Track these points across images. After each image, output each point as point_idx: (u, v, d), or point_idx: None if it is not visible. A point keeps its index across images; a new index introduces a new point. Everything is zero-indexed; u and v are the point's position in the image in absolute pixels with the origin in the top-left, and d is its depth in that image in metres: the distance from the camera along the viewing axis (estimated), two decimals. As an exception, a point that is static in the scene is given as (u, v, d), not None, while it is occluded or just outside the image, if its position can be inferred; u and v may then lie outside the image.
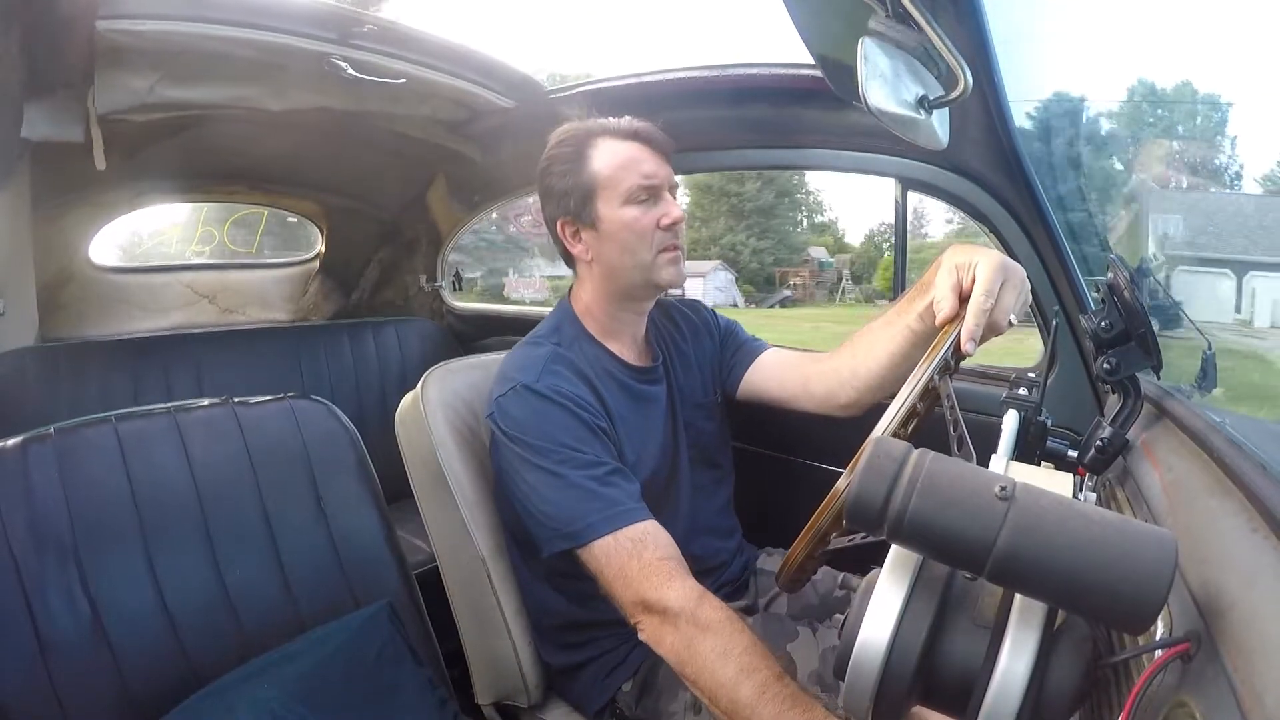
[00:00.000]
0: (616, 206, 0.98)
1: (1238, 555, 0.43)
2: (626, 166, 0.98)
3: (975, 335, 0.72)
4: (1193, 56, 1.65)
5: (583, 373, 0.97)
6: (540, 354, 0.98)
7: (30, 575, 0.78)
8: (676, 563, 0.84)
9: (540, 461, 0.88)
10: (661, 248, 0.99)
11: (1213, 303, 2.23)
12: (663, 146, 1.01)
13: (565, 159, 1.00)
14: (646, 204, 0.98)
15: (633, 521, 0.85)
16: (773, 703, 0.71)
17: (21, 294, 1.59)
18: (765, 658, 0.76)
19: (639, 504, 0.88)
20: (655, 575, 0.82)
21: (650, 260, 0.99)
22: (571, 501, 0.86)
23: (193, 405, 0.98)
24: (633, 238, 0.98)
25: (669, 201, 1.00)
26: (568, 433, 0.90)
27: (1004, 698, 0.39)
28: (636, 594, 0.82)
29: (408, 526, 1.65)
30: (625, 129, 1.01)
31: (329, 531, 0.98)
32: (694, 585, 0.82)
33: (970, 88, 0.73)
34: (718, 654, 0.76)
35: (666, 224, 0.98)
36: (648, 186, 0.98)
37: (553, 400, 0.91)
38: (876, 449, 0.41)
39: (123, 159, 1.61)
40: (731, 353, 1.15)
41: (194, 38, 1.18)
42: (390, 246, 2.38)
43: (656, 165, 1.00)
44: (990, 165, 1.11)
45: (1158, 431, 0.74)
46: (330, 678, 0.85)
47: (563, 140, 1.02)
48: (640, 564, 0.83)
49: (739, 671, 0.74)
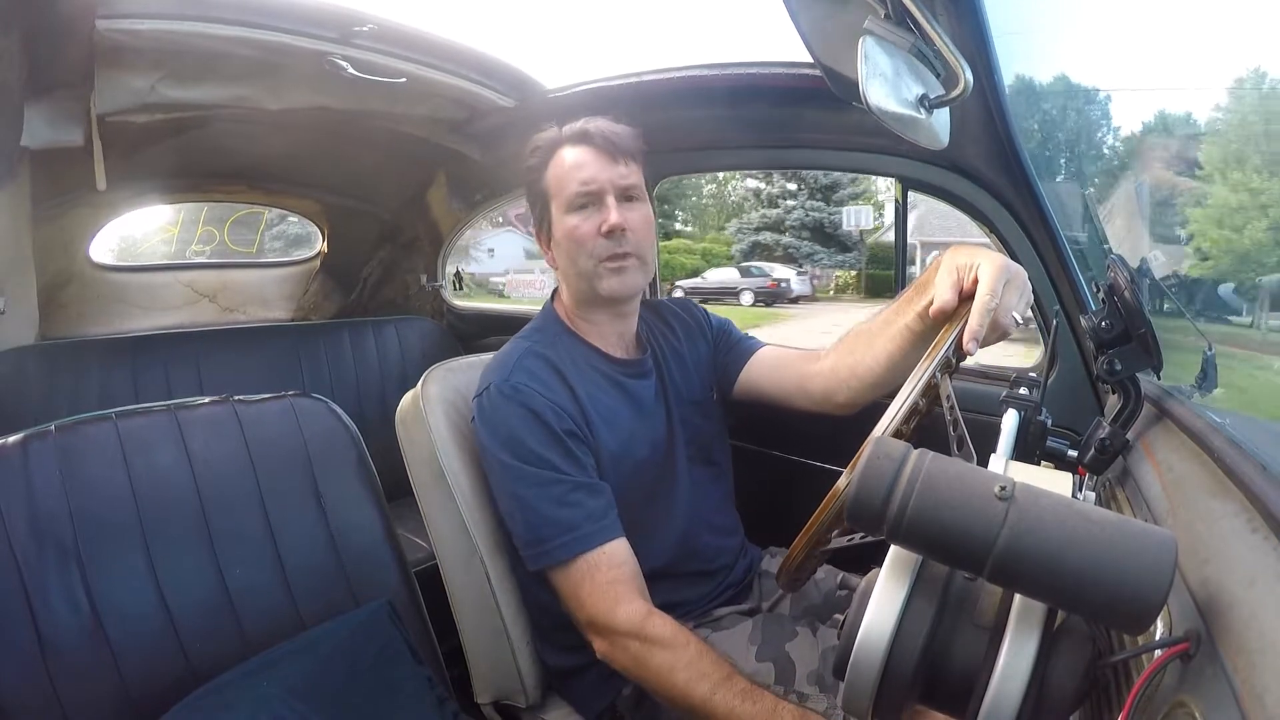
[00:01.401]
0: (562, 214, 0.98)
1: (1238, 555, 0.43)
2: (567, 174, 0.97)
3: (978, 335, 0.71)
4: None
5: (557, 367, 0.97)
6: (516, 351, 0.99)
7: (30, 573, 0.78)
8: (626, 584, 0.88)
9: (504, 476, 0.92)
10: (602, 256, 0.96)
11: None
12: (617, 147, 0.98)
13: (534, 169, 1.01)
14: (587, 210, 0.97)
15: (588, 547, 0.88)
16: (724, 702, 0.80)
17: (22, 293, 1.60)
18: (714, 663, 0.83)
19: (598, 523, 0.90)
20: (605, 598, 0.87)
21: (591, 269, 0.97)
22: (534, 524, 0.90)
23: (193, 403, 0.98)
24: (574, 246, 0.97)
25: (609, 207, 0.96)
26: (532, 437, 0.91)
27: (1004, 698, 0.39)
28: (588, 616, 0.88)
29: (407, 525, 1.65)
30: (575, 132, 0.99)
31: (329, 529, 0.98)
32: (640, 605, 0.87)
33: (970, 87, 0.73)
34: (666, 668, 0.83)
35: (604, 230, 0.95)
36: (586, 193, 0.96)
37: (518, 404, 0.92)
38: (876, 449, 0.41)
39: (123, 159, 1.61)
40: (725, 352, 1.15)
41: (194, 37, 1.18)
42: (390, 246, 2.38)
43: (599, 169, 0.96)
44: (990, 165, 1.11)
45: (1158, 431, 0.74)
46: (330, 676, 0.85)
47: (534, 150, 1.02)
48: (592, 586, 0.88)
49: (687, 681, 0.81)
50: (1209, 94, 1.59)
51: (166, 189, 2.04)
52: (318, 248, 2.43)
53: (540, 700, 1.05)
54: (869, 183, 20.37)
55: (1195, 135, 1.57)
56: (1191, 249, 1.55)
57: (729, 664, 0.84)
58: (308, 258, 2.46)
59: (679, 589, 1.04)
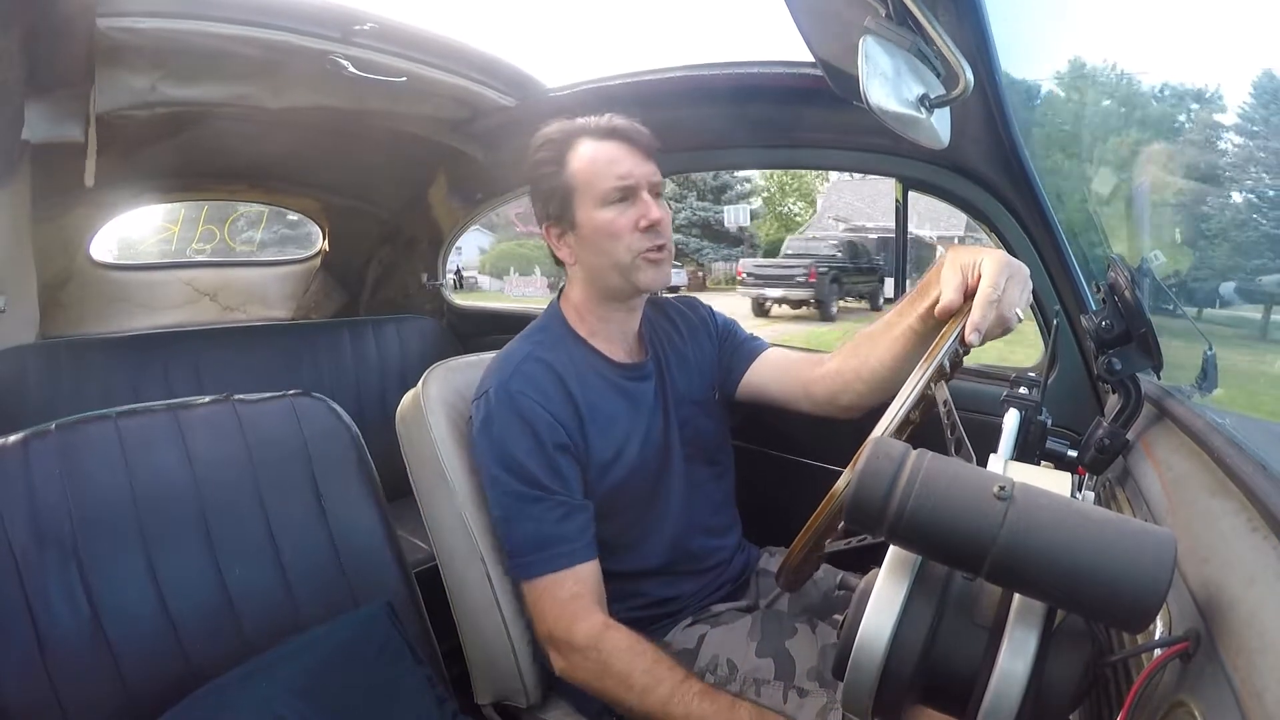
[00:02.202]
0: (593, 209, 0.97)
1: (1237, 554, 0.43)
2: (602, 167, 0.96)
3: (981, 327, 0.71)
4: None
5: (558, 372, 0.97)
6: (518, 354, 0.99)
7: (30, 572, 0.78)
8: (585, 600, 0.91)
9: (491, 483, 0.94)
10: (641, 250, 0.97)
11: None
12: (644, 144, 0.99)
13: (547, 162, 0.99)
14: (623, 205, 0.97)
15: (555, 569, 0.91)
16: (680, 704, 0.83)
17: (22, 291, 1.60)
18: (669, 668, 0.86)
19: (570, 545, 0.92)
20: (564, 615, 0.90)
21: (629, 262, 0.97)
22: (510, 535, 0.94)
23: (193, 402, 0.98)
24: (609, 241, 0.97)
25: (647, 202, 0.97)
26: (521, 449, 0.92)
27: (1003, 697, 0.39)
28: (547, 630, 0.92)
29: (407, 525, 1.64)
30: (604, 128, 0.99)
31: (329, 529, 0.98)
32: (598, 620, 0.90)
33: (971, 86, 0.73)
34: (621, 680, 0.86)
35: (644, 225, 0.96)
36: (623, 187, 0.96)
37: (513, 411, 0.93)
38: (875, 449, 0.41)
39: (123, 157, 1.61)
40: (730, 352, 1.15)
41: (195, 35, 1.18)
42: (391, 245, 2.38)
43: (634, 164, 0.97)
44: (991, 164, 1.11)
45: (1158, 431, 0.74)
46: (330, 676, 0.85)
47: (545, 143, 1.01)
48: (552, 602, 0.91)
49: (643, 690, 0.85)
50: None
51: (167, 188, 2.04)
52: (318, 247, 2.43)
53: (540, 700, 1.05)
54: (758, 183, 23.89)
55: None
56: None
57: (684, 669, 0.87)
58: (308, 256, 2.45)
59: (674, 584, 1.05)
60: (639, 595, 1.03)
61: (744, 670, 0.95)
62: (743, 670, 0.95)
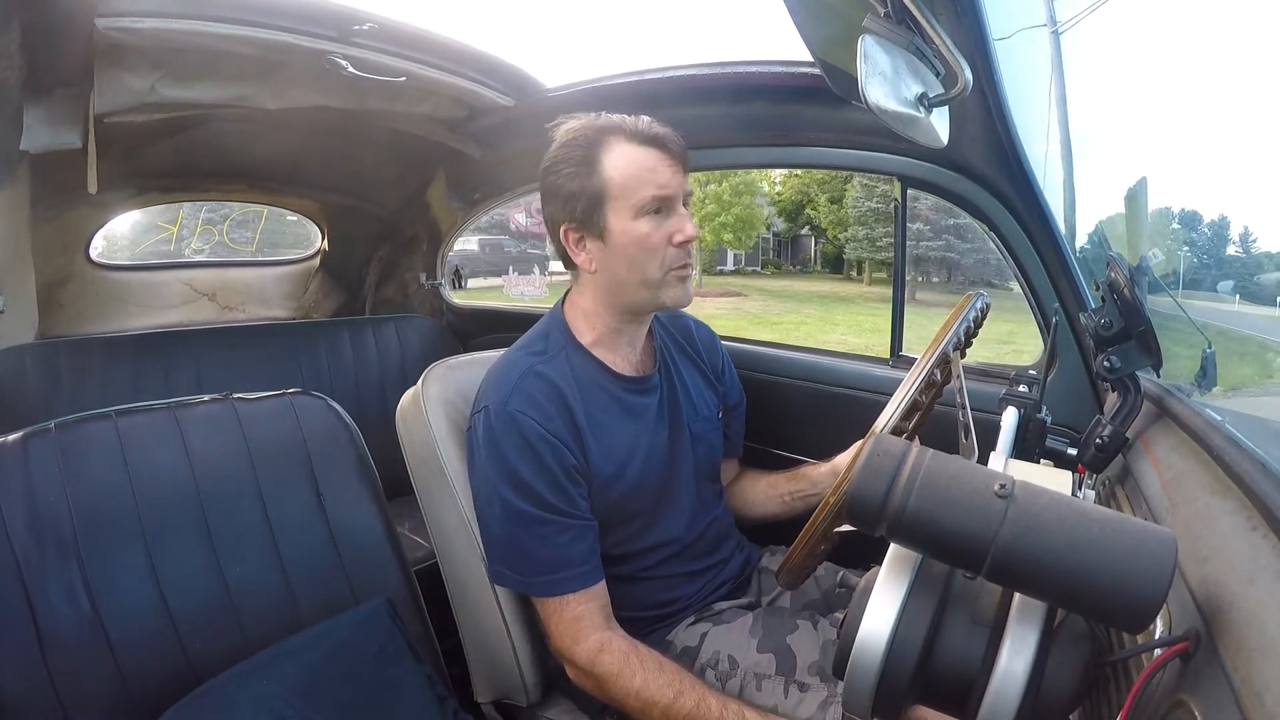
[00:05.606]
0: (628, 218, 0.91)
1: (1237, 554, 0.43)
2: (642, 175, 0.90)
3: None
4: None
5: (558, 388, 0.94)
6: (517, 369, 0.95)
7: (30, 570, 0.78)
8: (586, 623, 0.92)
9: (490, 504, 0.93)
10: (672, 266, 0.94)
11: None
12: (680, 154, 0.93)
13: (574, 160, 0.92)
14: (658, 217, 0.92)
15: (563, 592, 0.92)
16: (684, 708, 0.85)
17: (21, 291, 1.60)
18: (673, 676, 0.88)
19: (578, 568, 0.92)
20: (567, 635, 0.92)
21: (659, 278, 0.94)
22: (514, 555, 0.93)
23: (193, 401, 0.98)
24: (642, 254, 0.92)
25: (683, 215, 0.93)
26: (527, 470, 0.90)
27: (1003, 696, 0.39)
28: (555, 645, 0.95)
29: (407, 523, 1.65)
30: (644, 132, 0.92)
31: (329, 528, 0.98)
32: (595, 640, 0.91)
33: (970, 86, 0.73)
34: (625, 691, 0.88)
35: (679, 241, 0.92)
36: (661, 198, 0.91)
37: (515, 433, 0.90)
38: (875, 447, 0.41)
39: (122, 158, 1.61)
40: (727, 411, 1.18)
41: (194, 35, 1.18)
42: (390, 244, 2.38)
43: (671, 174, 0.92)
44: (990, 163, 1.11)
45: (1157, 430, 0.74)
46: (330, 674, 0.85)
47: (573, 138, 0.93)
48: (559, 620, 0.93)
49: (649, 701, 0.87)
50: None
51: (166, 188, 2.04)
52: (318, 246, 2.43)
53: (540, 699, 1.05)
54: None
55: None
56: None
57: (676, 684, 0.88)
58: (307, 256, 2.45)
59: (676, 586, 1.05)
60: (641, 597, 1.03)
61: (745, 665, 0.95)
62: (743, 665, 0.95)
